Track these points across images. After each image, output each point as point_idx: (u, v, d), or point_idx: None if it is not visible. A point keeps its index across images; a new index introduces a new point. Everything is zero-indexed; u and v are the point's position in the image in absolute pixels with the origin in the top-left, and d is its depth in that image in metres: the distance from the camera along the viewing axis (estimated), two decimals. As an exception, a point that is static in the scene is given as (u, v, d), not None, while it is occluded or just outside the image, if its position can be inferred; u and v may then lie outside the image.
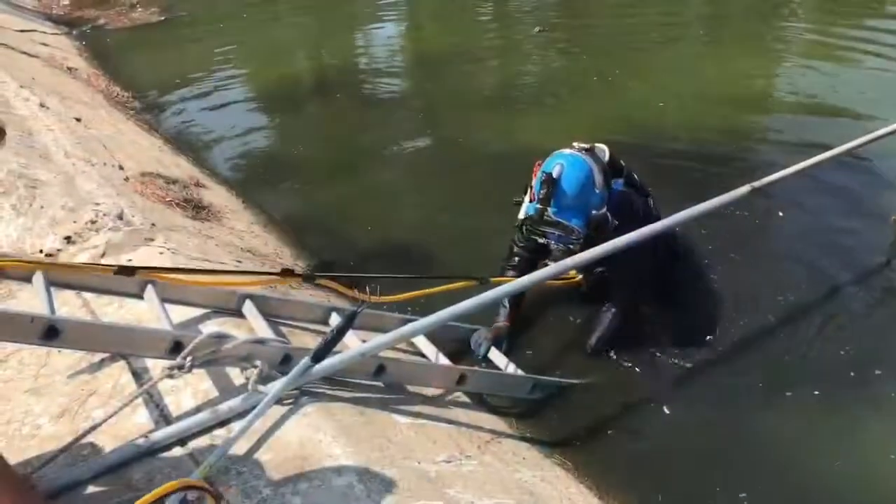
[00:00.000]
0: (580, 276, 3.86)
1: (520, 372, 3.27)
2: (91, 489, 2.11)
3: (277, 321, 2.99)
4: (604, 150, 3.63)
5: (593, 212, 3.31)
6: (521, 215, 3.39)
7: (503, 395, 3.30)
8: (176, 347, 2.37)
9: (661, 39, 9.01)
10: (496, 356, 3.41)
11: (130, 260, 3.33)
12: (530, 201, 3.37)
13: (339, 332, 2.39)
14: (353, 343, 2.87)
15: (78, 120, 5.82)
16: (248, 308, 2.87)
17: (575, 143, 3.50)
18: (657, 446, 3.07)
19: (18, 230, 3.61)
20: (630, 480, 2.92)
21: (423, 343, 3.22)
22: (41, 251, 3.45)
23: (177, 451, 2.24)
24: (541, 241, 3.44)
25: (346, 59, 9.59)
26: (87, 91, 7.78)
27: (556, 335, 3.78)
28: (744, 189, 3.52)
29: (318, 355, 2.37)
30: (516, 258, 3.80)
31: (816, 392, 3.29)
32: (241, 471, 2.15)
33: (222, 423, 2.34)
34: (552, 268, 3.05)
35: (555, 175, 3.27)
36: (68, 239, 3.56)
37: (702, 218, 3.54)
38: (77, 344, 2.29)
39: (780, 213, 4.66)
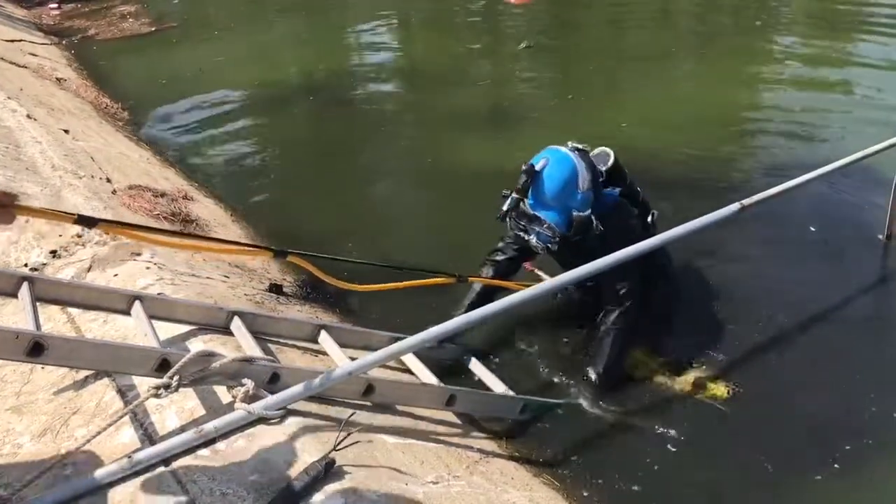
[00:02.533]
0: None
1: (510, 392, 3.24)
2: (73, 511, 2.07)
3: (265, 338, 2.96)
4: (608, 154, 3.62)
5: (575, 212, 3.28)
6: (504, 207, 3.38)
7: (493, 415, 3.27)
8: (163, 365, 2.33)
9: (647, 58, 9.04)
10: (487, 376, 3.38)
11: (117, 275, 3.30)
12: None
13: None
14: (342, 361, 2.84)
15: (66, 132, 5.78)
16: (237, 325, 2.84)
17: (569, 142, 3.47)
18: (646, 469, 3.04)
19: (3, 244, 3.57)
20: (618, 502, 2.89)
21: (412, 362, 3.19)
22: (26, 265, 3.41)
23: (161, 472, 2.20)
24: (524, 236, 3.41)
25: (335, 72, 9.59)
26: (76, 102, 7.74)
27: (547, 354, 3.76)
28: (733, 207, 3.50)
29: None
30: (499, 254, 3.79)
31: (815, 425, 3.25)
32: (225, 492, 2.11)
33: (207, 443, 2.30)
34: (547, 284, 3.02)
35: (537, 168, 3.27)
36: (54, 253, 3.52)
37: (691, 236, 3.50)
38: (63, 361, 2.25)
39: (771, 232, 4.65)
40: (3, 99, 6.16)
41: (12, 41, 10.05)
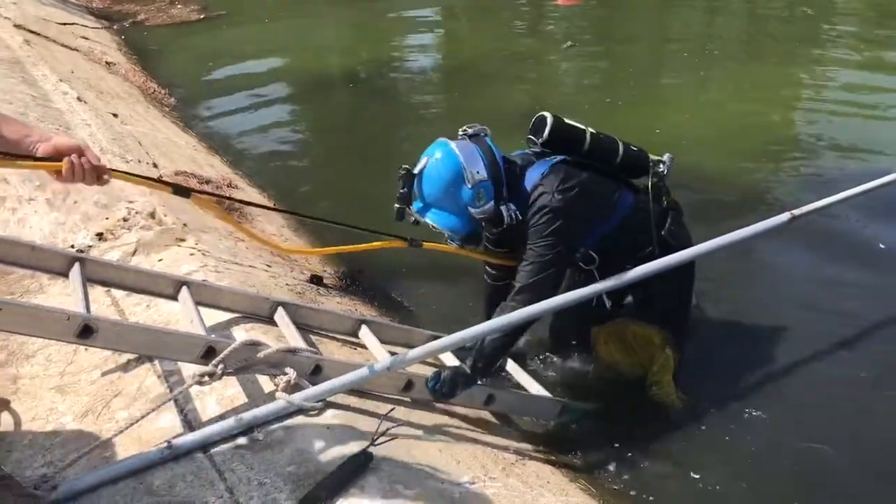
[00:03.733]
0: None
1: (548, 394, 3.21)
2: (112, 493, 2.09)
3: (308, 330, 2.96)
4: (543, 120, 3.10)
5: (471, 209, 2.91)
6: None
7: (531, 417, 3.25)
8: (208, 353, 2.35)
9: (690, 62, 8.97)
10: (524, 377, 3.34)
11: (161, 260, 3.33)
12: None
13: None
14: (382, 356, 2.84)
15: (115, 115, 5.85)
16: (280, 315, 2.85)
17: (462, 128, 3.08)
18: (685, 479, 2.98)
19: (51, 225, 3.62)
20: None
21: (451, 361, 3.17)
22: (72, 246, 3.45)
23: (198, 458, 2.21)
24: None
25: (379, 62, 9.64)
26: (125, 86, 7.83)
27: (585, 358, 3.71)
28: (783, 217, 3.43)
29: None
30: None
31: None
32: (263, 482, 2.12)
33: (245, 432, 2.31)
34: (591, 288, 2.97)
35: (416, 170, 2.95)
36: (100, 236, 3.56)
37: (736, 247, 3.41)
38: (110, 344, 2.27)
39: (823, 247, 4.50)
40: (55, 81, 6.24)
41: (65, 24, 10.19)
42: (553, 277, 2.96)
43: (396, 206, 2.98)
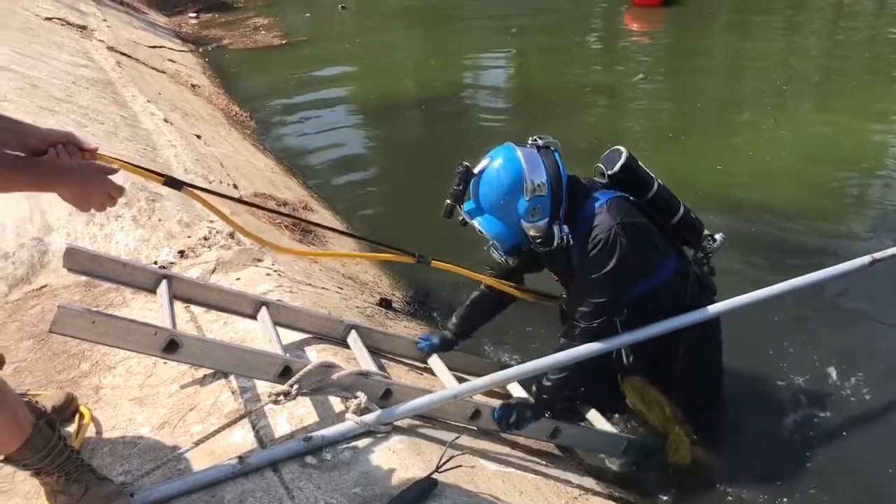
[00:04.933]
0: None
1: (614, 430, 3.19)
2: (185, 504, 2.16)
3: (378, 353, 3.01)
4: (618, 153, 2.97)
5: (523, 222, 2.75)
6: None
7: (595, 452, 3.23)
8: (284, 372, 2.41)
9: (761, 98, 8.76)
10: (590, 412, 3.32)
11: (239, 279, 3.42)
12: None
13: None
14: (450, 384, 2.86)
15: (198, 137, 6.05)
16: (353, 338, 2.90)
17: (532, 137, 2.89)
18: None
19: (136, 241, 3.75)
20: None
21: (517, 391, 3.17)
22: (156, 262, 3.58)
23: (268, 475, 2.26)
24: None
25: (452, 88, 9.76)
26: (208, 108, 8.09)
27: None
28: (864, 260, 3.37)
29: None
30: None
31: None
32: (329, 502, 2.15)
33: (314, 451, 2.35)
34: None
35: (476, 170, 2.81)
36: (182, 253, 3.68)
37: (812, 289, 3.32)
38: (193, 359, 2.34)
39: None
40: (143, 102, 6.50)
41: (154, 47, 10.61)
42: (610, 322, 2.87)
43: (447, 202, 2.80)
